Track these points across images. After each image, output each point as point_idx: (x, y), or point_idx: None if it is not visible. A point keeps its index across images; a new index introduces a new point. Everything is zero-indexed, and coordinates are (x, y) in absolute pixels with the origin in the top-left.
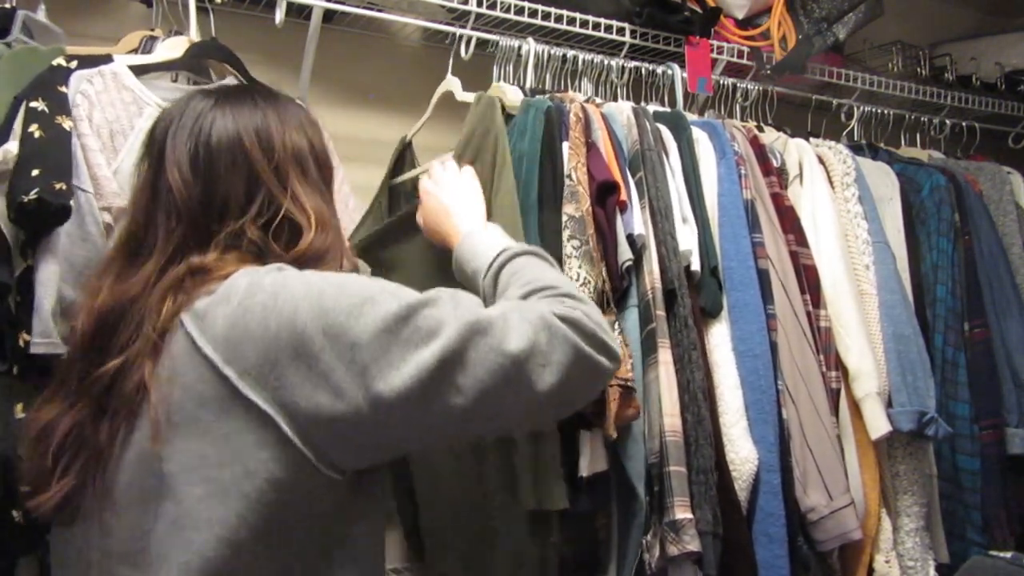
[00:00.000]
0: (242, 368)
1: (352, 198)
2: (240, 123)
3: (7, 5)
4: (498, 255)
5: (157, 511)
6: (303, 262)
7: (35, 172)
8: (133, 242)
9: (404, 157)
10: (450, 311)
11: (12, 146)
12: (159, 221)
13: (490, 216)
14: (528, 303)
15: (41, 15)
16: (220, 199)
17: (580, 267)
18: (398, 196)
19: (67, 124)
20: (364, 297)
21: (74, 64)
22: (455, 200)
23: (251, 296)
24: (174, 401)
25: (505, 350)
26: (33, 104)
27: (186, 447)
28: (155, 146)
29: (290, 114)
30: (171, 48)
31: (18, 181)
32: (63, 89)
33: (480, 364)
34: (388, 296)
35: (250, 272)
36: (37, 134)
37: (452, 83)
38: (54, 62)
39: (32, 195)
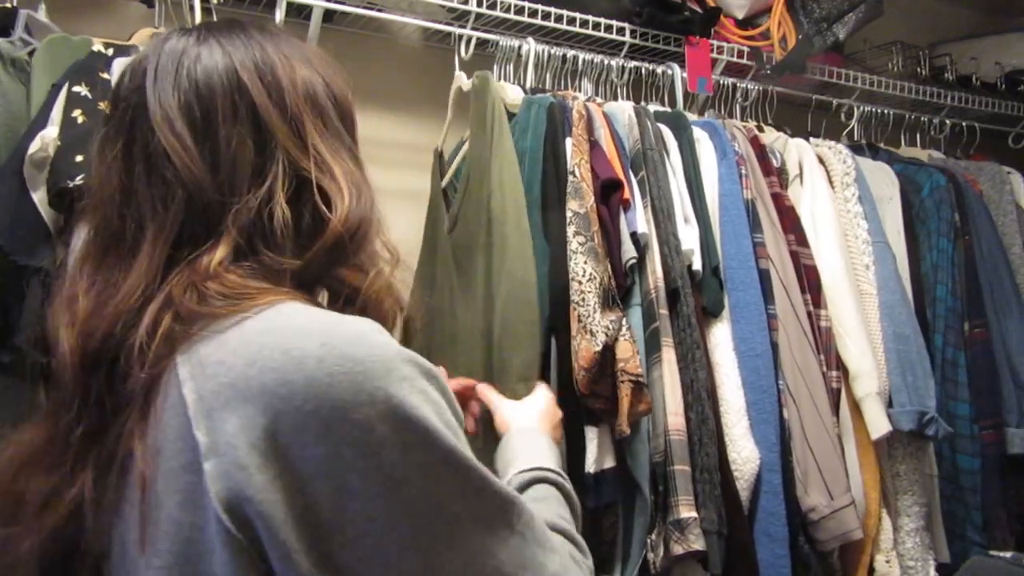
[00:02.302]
0: None
1: None
2: (235, 57)
3: (8, 4)
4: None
5: None
6: (333, 253)
7: (79, 158)
8: (107, 236)
9: (438, 168)
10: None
11: (51, 131)
12: (143, 202)
13: (496, 175)
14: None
15: (41, 14)
16: (226, 167)
17: (586, 263)
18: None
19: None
20: None
21: (111, 51)
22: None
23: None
24: (157, 494)
25: None
26: (76, 88)
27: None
28: (127, 104)
29: (294, 47)
30: None
31: (60, 166)
32: (105, 75)
33: None
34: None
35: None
36: (80, 119)
37: (459, 78)
38: (94, 48)
39: (78, 180)
